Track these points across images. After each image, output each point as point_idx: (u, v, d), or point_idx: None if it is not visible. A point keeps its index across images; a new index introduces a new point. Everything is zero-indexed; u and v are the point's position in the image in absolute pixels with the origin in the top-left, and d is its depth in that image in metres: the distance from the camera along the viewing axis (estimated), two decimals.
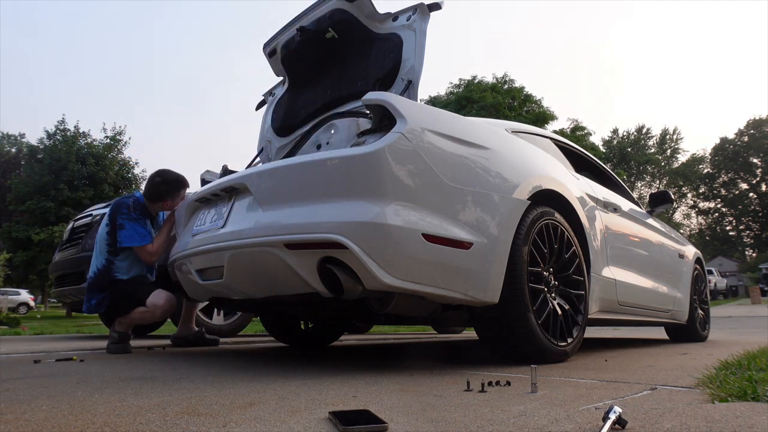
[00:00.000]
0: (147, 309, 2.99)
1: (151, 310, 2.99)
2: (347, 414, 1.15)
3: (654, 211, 3.98)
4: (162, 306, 2.98)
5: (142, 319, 3.02)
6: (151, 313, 2.99)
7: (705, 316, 4.45)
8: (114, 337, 3.06)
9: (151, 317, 3.01)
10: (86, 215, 5.11)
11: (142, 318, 3.01)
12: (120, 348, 3.03)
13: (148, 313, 3.00)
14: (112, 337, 3.06)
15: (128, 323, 3.07)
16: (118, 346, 3.03)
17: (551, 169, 2.54)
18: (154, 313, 2.99)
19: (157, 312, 2.99)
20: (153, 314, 2.99)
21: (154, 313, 2.99)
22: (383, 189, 1.81)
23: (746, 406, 1.20)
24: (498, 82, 25.61)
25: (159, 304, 2.98)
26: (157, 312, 2.99)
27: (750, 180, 54.56)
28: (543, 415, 1.17)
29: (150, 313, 2.99)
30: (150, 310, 2.99)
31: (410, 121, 1.93)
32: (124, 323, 3.07)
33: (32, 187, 21.53)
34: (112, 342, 3.05)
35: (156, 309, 2.99)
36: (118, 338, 3.06)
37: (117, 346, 3.03)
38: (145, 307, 2.99)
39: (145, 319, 3.02)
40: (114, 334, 3.07)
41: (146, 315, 3.00)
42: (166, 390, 1.59)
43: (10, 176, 26.95)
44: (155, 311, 2.98)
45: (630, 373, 1.98)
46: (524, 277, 2.11)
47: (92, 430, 1.06)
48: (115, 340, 3.05)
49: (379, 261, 1.76)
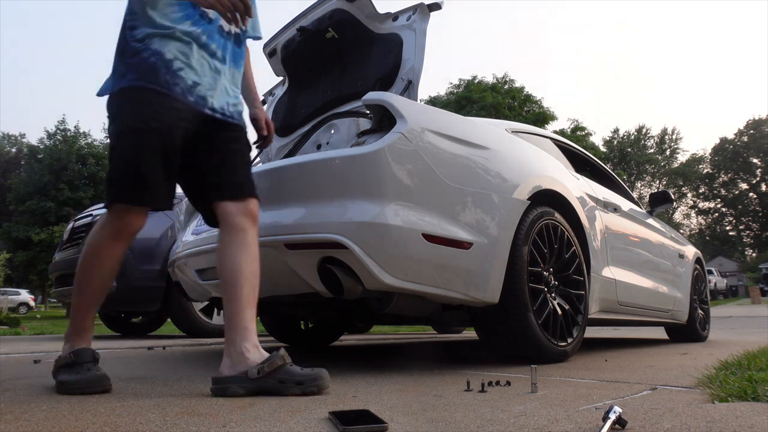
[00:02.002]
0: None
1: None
2: (347, 414, 1.15)
3: (654, 211, 3.98)
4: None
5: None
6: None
7: (705, 316, 4.45)
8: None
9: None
10: (86, 215, 5.11)
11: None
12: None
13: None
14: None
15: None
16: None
17: (551, 169, 2.54)
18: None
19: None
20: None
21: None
22: (383, 189, 1.81)
23: (746, 406, 1.20)
24: (498, 82, 25.60)
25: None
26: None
27: (750, 180, 54.57)
28: (543, 415, 1.17)
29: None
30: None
31: (410, 121, 1.93)
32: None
33: (32, 187, 21.53)
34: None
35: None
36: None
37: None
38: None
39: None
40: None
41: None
42: (166, 390, 1.59)
43: (10, 176, 26.95)
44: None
45: (630, 373, 1.98)
46: (524, 277, 2.11)
47: (92, 430, 1.06)
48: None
49: (379, 261, 1.76)
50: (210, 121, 1.63)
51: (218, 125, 1.65)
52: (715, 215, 58.00)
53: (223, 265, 1.60)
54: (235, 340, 1.52)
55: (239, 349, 1.50)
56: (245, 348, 1.50)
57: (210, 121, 1.63)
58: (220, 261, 1.61)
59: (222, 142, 1.66)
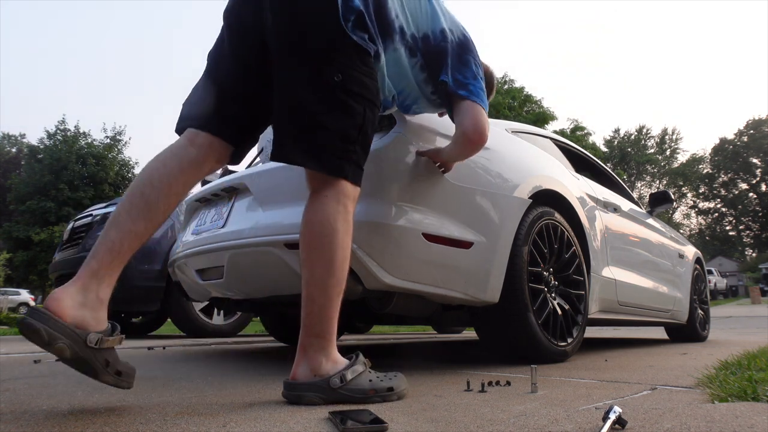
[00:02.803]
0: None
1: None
2: (347, 414, 1.15)
3: (654, 211, 3.98)
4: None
5: None
6: None
7: (705, 316, 4.45)
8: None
9: None
10: (86, 215, 5.11)
11: None
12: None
13: None
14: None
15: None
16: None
17: (551, 169, 2.54)
18: None
19: None
20: None
21: None
22: (383, 189, 1.81)
23: (746, 406, 1.20)
24: (498, 82, 25.60)
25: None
26: None
27: (750, 180, 54.58)
28: (543, 415, 1.17)
29: None
30: None
31: (410, 120, 1.93)
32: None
33: (32, 187, 21.56)
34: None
35: None
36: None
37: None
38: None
39: None
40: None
41: None
42: (166, 390, 1.59)
43: (10, 176, 26.96)
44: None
45: (630, 373, 1.98)
46: (524, 277, 2.11)
47: (92, 430, 1.06)
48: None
49: (379, 261, 1.76)
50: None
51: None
52: (715, 215, 58.03)
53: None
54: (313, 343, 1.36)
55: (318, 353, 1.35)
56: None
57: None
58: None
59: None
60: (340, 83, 1.37)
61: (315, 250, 1.35)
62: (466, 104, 1.72)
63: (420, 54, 1.70)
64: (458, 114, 1.74)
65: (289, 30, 1.40)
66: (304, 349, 1.35)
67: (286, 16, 1.40)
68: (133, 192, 1.38)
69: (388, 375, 1.42)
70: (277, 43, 1.41)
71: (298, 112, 1.37)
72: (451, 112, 1.77)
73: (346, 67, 1.39)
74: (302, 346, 1.36)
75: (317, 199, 1.39)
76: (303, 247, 1.37)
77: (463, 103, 1.72)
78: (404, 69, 1.69)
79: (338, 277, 1.36)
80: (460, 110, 1.74)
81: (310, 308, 1.35)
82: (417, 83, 1.74)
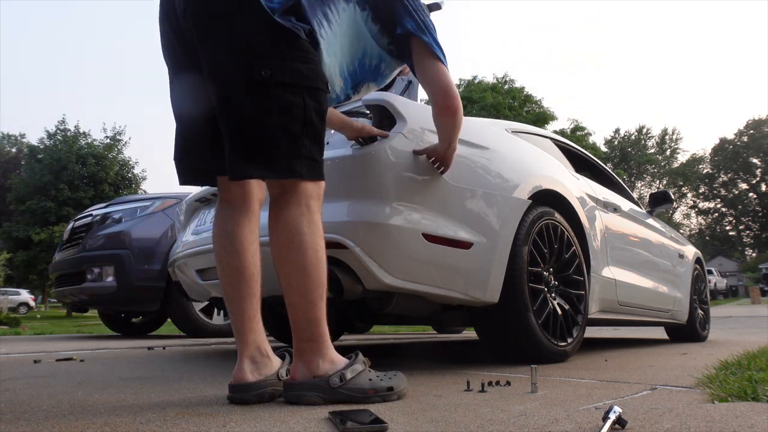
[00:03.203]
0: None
1: None
2: (347, 414, 1.15)
3: (654, 211, 3.98)
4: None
5: None
6: None
7: (705, 316, 4.45)
8: None
9: None
10: (86, 215, 5.12)
11: None
12: None
13: None
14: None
15: None
16: None
17: (551, 169, 2.54)
18: None
19: None
20: None
21: None
22: (383, 189, 1.81)
23: (746, 406, 1.20)
24: (498, 82, 25.62)
25: None
26: None
27: (750, 180, 54.58)
28: (543, 415, 1.17)
29: None
30: None
31: (410, 120, 1.93)
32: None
33: (32, 187, 21.55)
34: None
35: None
36: None
37: None
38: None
39: None
40: None
41: None
42: (166, 390, 1.59)
43: (10, 176, 26.95)
44: None
45: (630, 373, 1.98)
46: (524, 277, 2.11)
47: (92, 430, 1.06)
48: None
49: (379, 261, 1.76)
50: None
51: None
52: (715, 215, 58.02)
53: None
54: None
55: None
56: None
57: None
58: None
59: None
60: (269, 78, 1.28)
61: (285, 257, 1.33)
62: (426, 63, 1.63)
63: (368, 6, 1.60)
64: (422, 78, 1.66)
65: (207, 22, 1.32)
66: (299, 353, 1.35)
67: (202, 6, 1.32)
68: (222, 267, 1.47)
69: (387, 374, 1.41)
70: (199, 41, 1.33)
71: (236, 120, 1.30)
72: (412, 62, 1.67)
73: (273, 58, 1.29)
74: (297, 351, 1.36)
75: (277, 206, 1.36)
76: (274, 256, 1.35)
77: (425, 60, 1.63)
78: (360, 26, 1.59)
79: (315, 279, 1.34)
80: (422, 71, 1.64)
81: (294, 315, 1.35)
82: (373, 37, 1.63)
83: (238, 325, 1.42)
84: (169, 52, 1.46)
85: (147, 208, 4.79)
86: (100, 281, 4.52)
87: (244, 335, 1.40)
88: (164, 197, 4.87)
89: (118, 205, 4.99)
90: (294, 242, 1.33)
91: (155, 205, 4.79)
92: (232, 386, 1.36)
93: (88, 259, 4.62)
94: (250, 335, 1.41)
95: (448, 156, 1.86)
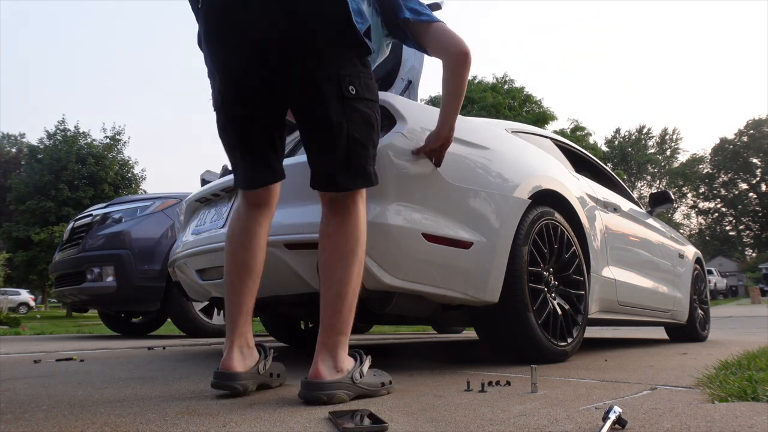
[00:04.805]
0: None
1: None
2: (347, 414, 1.15)
3: (654, 211, 3.98)
4: None
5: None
6: None
7: (705, 316, 4.45)
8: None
9: None
10: (86, 215, 5.11)
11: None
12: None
13: None
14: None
15: None
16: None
17: (551, 169, 2.54)
18: None
19: None
20: None
21: None
22: (383, 189, 1.81)
23: (746, 406, 1.20)
24: (498, 82, 25.59)
25: None
26: None
27: (750, 180, 54.57)
28: (543, 415, 1.17)
29: None
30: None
31: (410, 120, 1.93)
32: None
33: (32, 187, 21.54)
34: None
35: None
36: None
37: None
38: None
39: None
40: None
41: None
42: (166, 390, 1.59)
43: (10, 176, 26.94)
44: None
45: (630, 373, 1.98)
46: (524, 277, 2.11)
47: (92, 430, 1.06)
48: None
49: (379, 261, 1.76)
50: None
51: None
52: (715, 215, 58.00)
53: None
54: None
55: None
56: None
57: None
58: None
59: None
60: (356, 95, 1.39)
61: (350, 252, 1.41)
62: (433, 28, 1.69)
63: (379, 9, 1.66)
64: (433, 43, 1.71)
65: (298, 40, 1.36)
66: (327, 348, 1.37)
67: (294, 23, 1.36)
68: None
69: (376, 370, 1.48)
70: (285, 58, 1.37)
71: (331, 134, 1.39)
72: (417, 44, 1.74)
73: (355, 77, 1.40)
74: (324, 346, 1.37)
75: (346, 207, 1.44)
76: (337, 250, 1.41)
77: (430, 27, 1.69)
78: (379, 30, 1.67)
79: (361, 275, 1.45)
80: (432, 37, 1.70)
81: (339, 307, 1.39)
82: (379, 31, 1.70)
83: (234, 316, 1.49)
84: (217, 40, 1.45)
85: (147, 208, 4.79)
86: (100, 281, 4.52)
87: (239, 327, 1.48)
88: (164, 197, 4.87)
89: (118, 205, 4.99)
90: (360, 238, 1.43)
91: (155, 205, 4.79)
92: (220, 374, 1.43)
93: (88, 259, 4.62)
94: (244, 327, 1.49)
95: (449, 140, 1.86)
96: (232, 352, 1.45)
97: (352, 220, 1.43)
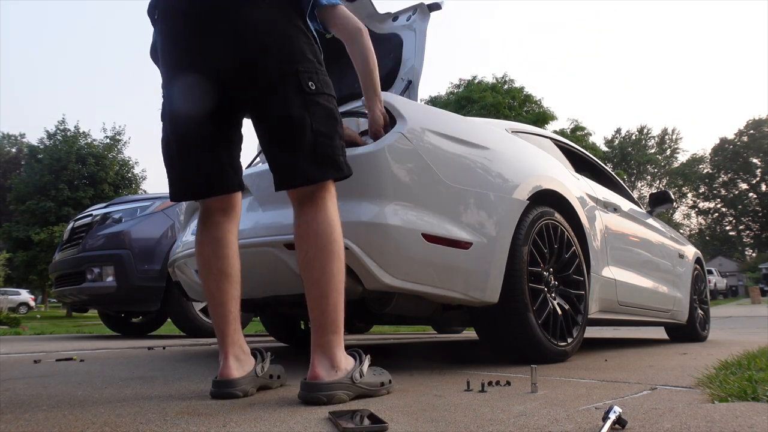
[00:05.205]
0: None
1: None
2: (347, 414, 1.15)
3: (654, 211, 3.98)
4: None
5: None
6: None
7: (705, 316, 4.45)
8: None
9: None
10: (86, 215, 5.11)
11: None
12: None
13: None
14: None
15: None
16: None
17: (551, 169, 2.54)
18: None
19: None
20: None
21: None
22: (383, 189, 1.81)
23: (746, 406, 1.20)
24: (498, 82, 25.59)
25: None
26: None
27: (750, 180, 54.56)
28: (543, 415, 1.17)
29: None
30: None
31: (410, 120, 1.93)
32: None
33: (32, 187, 21.53)
34: None
35: None
36: None
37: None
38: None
39: None
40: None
41: None
42: (166, 390, 1.59)
43: (10, 176, 26.94)
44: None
45: (630, 373, 1.98)
46: (524, 277, 2.11)
47: (92, 430, 1.06)
48: None
49: (379, 261, 1.76)
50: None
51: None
52: (715, 215, 57.99)
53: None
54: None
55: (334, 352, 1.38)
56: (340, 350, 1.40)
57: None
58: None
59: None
60: (316, 90, 1.39)
61: (325, 249, 1.39)
62: (335, 12, 1.66)
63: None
64: (337, 27, 1.69)
65: (251, 45, 1.37)
66: (321, 349, 1.37)
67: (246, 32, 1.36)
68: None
69: (376, 369, 1.48)
70: (243, 65, 1.37)
71: (295, 129, 1.37)
72: (326, 28, 1.70)
73: (314, 73, 1.40)
74: (319, 347, 1.37)
75: (315, 203, 1.41)
76: (312, 249, 1.39)
77: (334, 11, 1.66)
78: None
79: (343, 271, 1.43)
80: (334, 23, 1.67)
81: (324, 306, 1.39)
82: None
83: (222, 325, 1.49)
84: (172, 51, 1.45)
85: (147, 208, 4.79)
86: (100, 281, 4.52)
87: (229, 335, 1.49)
88: (164, 197, 4.87)
89: (118, 205, 4.99)
90: (332, 234, 1.40)
91: (155, 205, 4.79)
92: (219, 382, 1.43)
93: (88, 259, 4.62)
94: (234, 334, 1.50)
95: (386, 117, 1.85)
96: (228, 360, 1.45)
97: (322, 217, 1.40)
